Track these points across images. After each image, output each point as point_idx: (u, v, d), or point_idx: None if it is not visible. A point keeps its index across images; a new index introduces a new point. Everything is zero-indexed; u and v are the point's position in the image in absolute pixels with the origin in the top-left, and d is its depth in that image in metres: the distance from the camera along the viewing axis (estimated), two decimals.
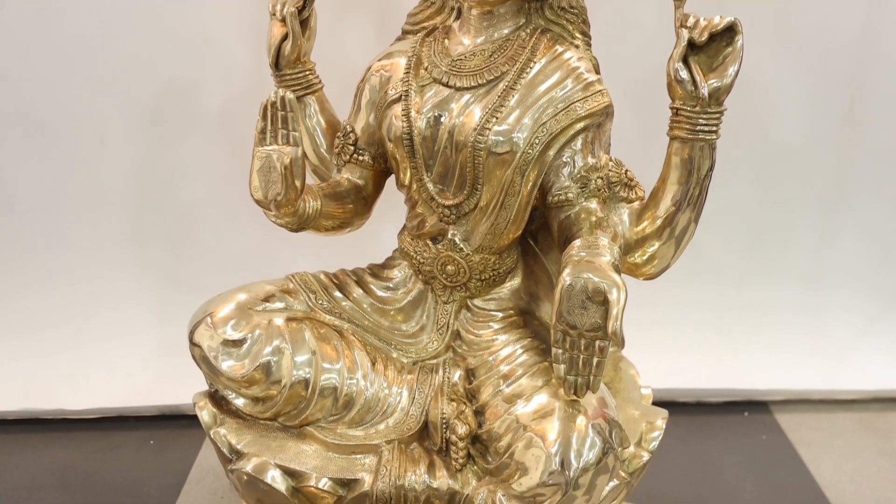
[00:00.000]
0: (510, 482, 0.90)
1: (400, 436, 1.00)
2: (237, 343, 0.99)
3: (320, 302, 1.06)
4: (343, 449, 0.99)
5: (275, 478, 0.97)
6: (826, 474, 1.41)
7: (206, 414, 1.03)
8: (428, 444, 1.01)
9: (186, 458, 1.42)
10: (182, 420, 1.49)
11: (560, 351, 0.86)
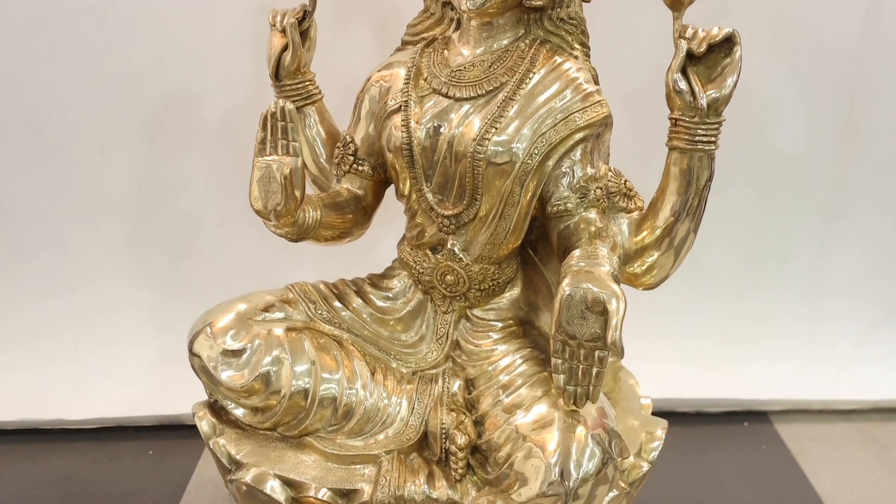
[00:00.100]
0: (510, 493, 0.90)
1: (399, 446, 1.00)
2: (237, 353, 0.99)
3: (320, 312, 1.06)
4: (342, 459, 0.99)
5: (274, 488, 0.97)
6: (826, 485, 1.41)
7: (206, 424, 1.03)
8: (427, 455, 1.01)
9: (186, 469, 1.41)
10: (181, 430, 1.49)
11: (559, 361, 0.86)
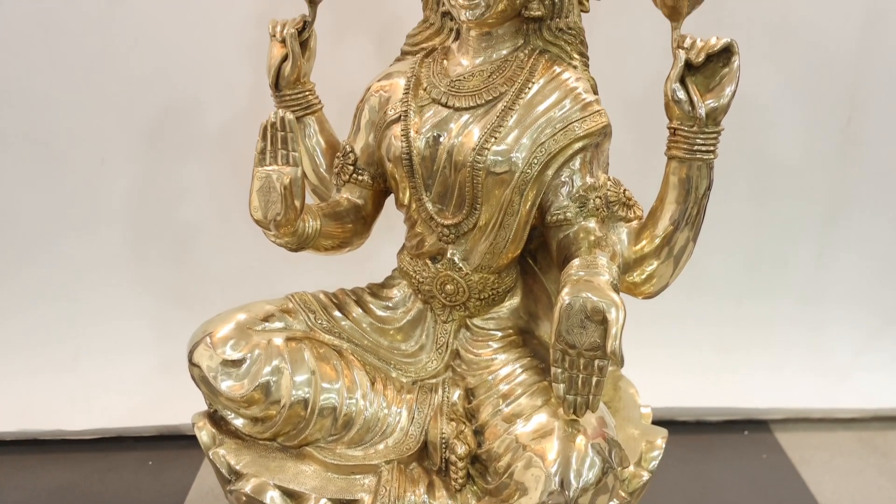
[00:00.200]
0: (510, 502, 0.90)
1: (399, 456, 0.99)
2: (236, 363, 0.98)
3: (319, 321, 1.06)
4: (342, 469, 0.99)
5: (273, 499, 0.97)
6: (827, 493, 1.40)
7: (205, 434, 1.03)
8: (427, 465, 1.00)
9: (185, 479, 1.41)
10: (181, 440, 1.48)
11: (559, 370, 0.86)
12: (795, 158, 1.57)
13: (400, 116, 1.00)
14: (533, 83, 0.97)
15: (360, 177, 1.06)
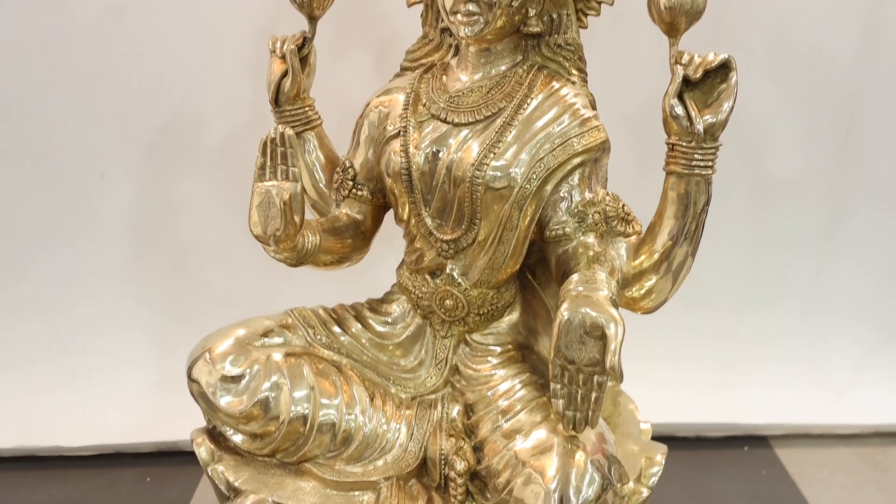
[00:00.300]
0: None
1: (398, 472, 0.99)
2: (235, 379, 0.98)
3: (319, 337, 1.06)
4: (341, 486, 0.99)
5: None
6: None
7: (204, 450, 1.03)
8: (426, 481, 1.00)
9: (184, 496, 1.41)
10: (180, 456, 1.48)
11: (558, 386, 0.86)
12: (794, 173, 1.58)
13: (399, 132, 1.00)
14: (532, 99, 0.97)
15: (360, 192, 1.06)
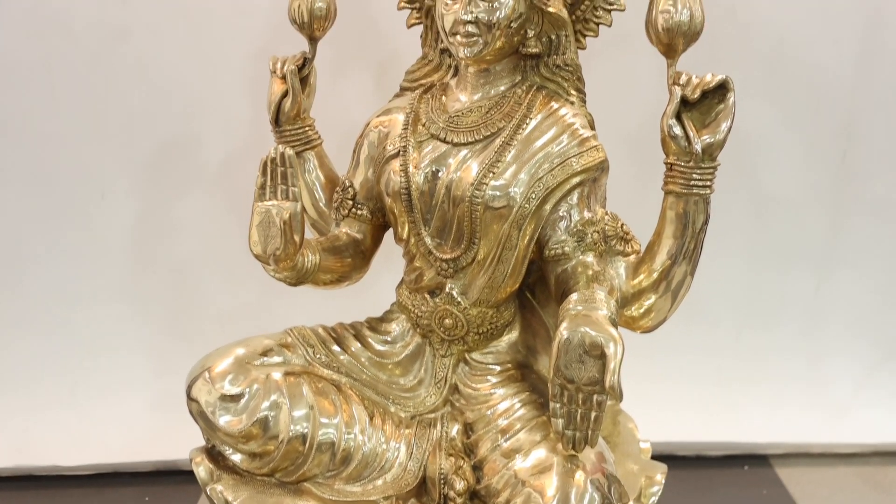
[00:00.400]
0: None
1: (398, 491, 0.99)
2: (235, 398, 0.98)
3: (318, 356, 1.06)
4: None
5: None
6: None
7: (203, 470, 1.02)
8: (426, 500, 1.00)
9: None
10: (178, 476, 1.48)
11: (558, 405, 0.86)
12: (792, 192, 1.58)
13: (399, 152, 1.01)
14: (531, 119, 0.98)
15: (360, 211, 1.06)
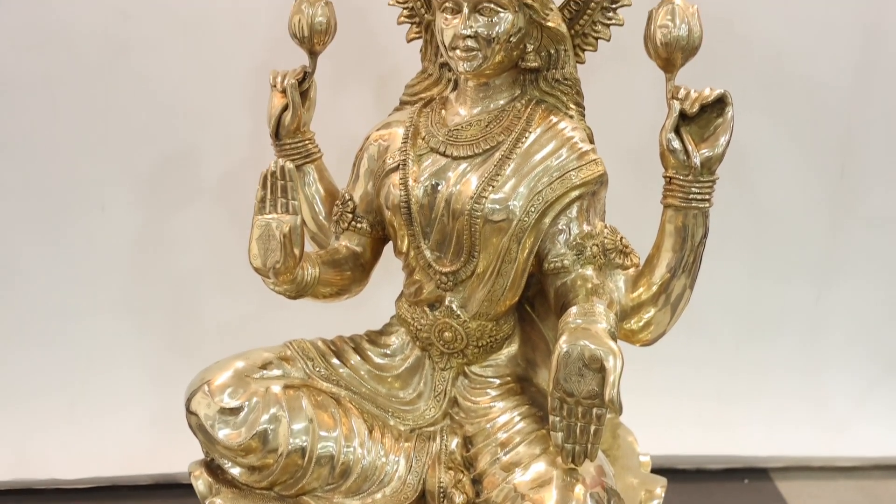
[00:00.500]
0: None
1: None
2: (234, 411, 0.98)
3: (318, 369, 1.06)
4: None
5: None
6: None
7: (202, 483, 1.02)
8: None
9: None
10: (177, 489, 1.47)
11: (557, 419, 0.86)
12: (791, 206, 1.58)
13: (398, 165, 1.01)
14: (530, 132, 0.98)
15: (359, 224, 1.07)
